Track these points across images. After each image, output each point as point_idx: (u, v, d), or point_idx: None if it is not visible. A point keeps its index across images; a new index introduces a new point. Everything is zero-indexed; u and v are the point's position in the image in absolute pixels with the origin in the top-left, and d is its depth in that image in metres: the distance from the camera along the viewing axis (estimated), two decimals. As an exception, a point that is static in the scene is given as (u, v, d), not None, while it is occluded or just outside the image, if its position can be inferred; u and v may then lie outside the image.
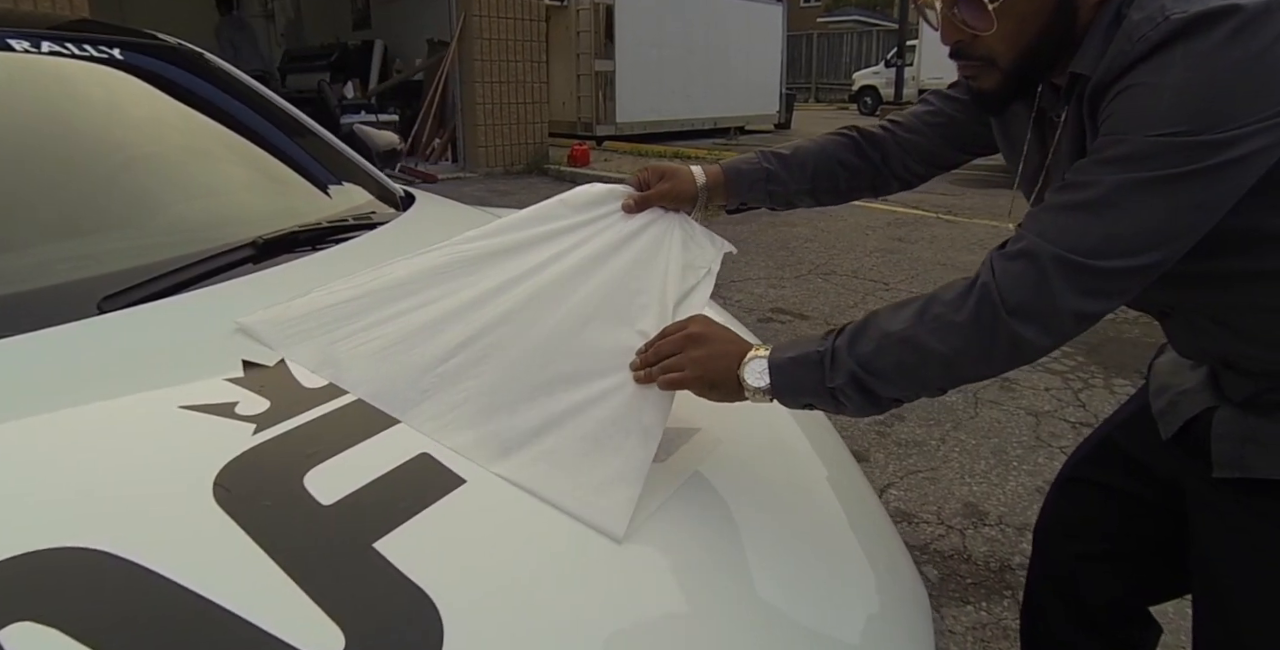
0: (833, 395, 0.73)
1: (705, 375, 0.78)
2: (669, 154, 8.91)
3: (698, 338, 0.80)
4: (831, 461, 1.00)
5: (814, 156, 1.07)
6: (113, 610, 0.51)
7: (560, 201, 1.03)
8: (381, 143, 2.03)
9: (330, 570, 0.57)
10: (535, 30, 7.99)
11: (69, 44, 1.37)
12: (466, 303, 0.90)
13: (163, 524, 0.59)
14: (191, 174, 1.38)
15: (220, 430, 0.70)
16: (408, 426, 0.75)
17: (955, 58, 0.77)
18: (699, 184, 1.04)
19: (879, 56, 19.22)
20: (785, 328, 3.52)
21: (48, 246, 1.09)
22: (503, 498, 0.69)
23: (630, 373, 0.81)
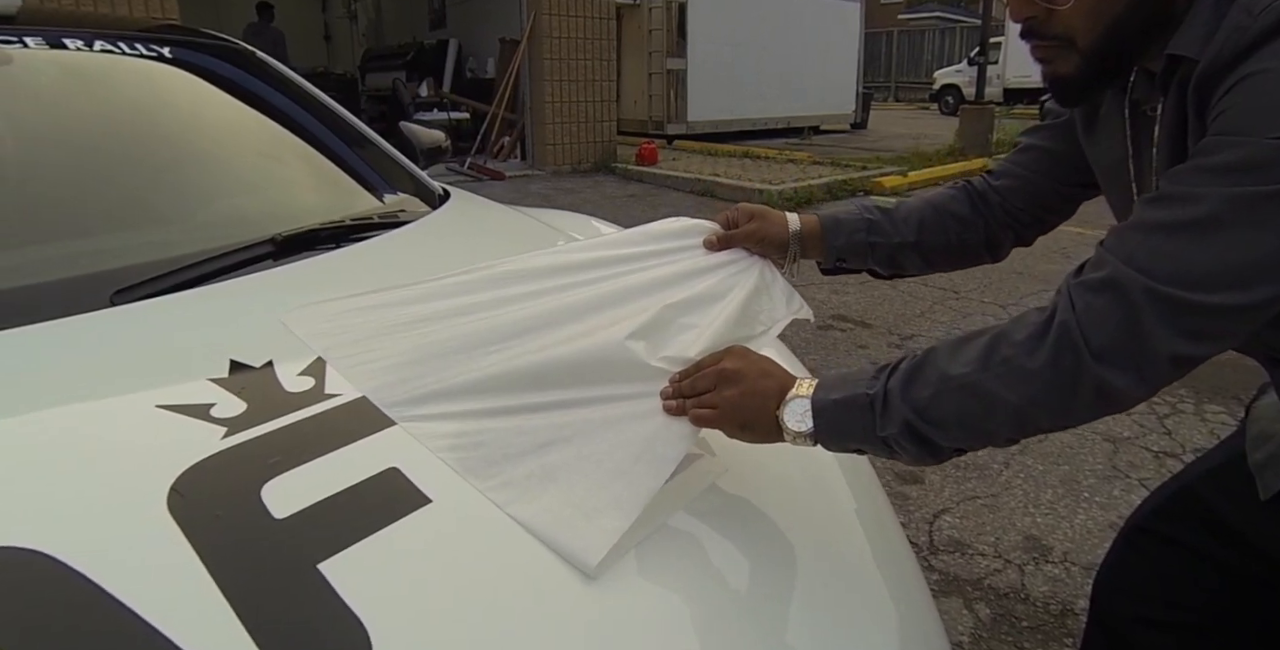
0: (885, 443, 0.65)
1: (738, 416, 0.71)
2: (740, 153, 8.80)
3: (731, 375, 0.72)
4: (862, 492, 0.92)
5: (920, 208, 0.97)
6: (32, 616, 0.50)
7: (642, 231, 0.99)
8: (427, 141, 2.03)
9: (266, 590, 0.54)
10: (605, 28, 8.00)
11: (122, 43, 1.40)
12: (508, 311, 0.88)
13: (109, 529, 0.58)
14: (227, 170, 1.40)
15: (190, 432, 0.68)
16: (397, 431, 0.72)
17: (1027, 37, 0.67)
18: (791, 230, 0.95)
19: (962, 54, 18.57)
20: (845, 336, 3.40)
21: (76, 240, 1.11)
22: (468, 523, 0.64)
23: (658, 399, 0.75)
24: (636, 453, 0.71)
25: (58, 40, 1.33)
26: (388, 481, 0.65)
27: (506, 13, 8.00)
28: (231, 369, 0.79)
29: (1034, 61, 0.69)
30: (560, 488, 0.68)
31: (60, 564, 0.53)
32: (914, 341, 3.31)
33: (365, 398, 0.77)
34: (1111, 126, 0.74)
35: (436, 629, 0.53)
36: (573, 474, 0.70)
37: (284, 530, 0.59)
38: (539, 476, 0.69)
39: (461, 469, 0.70)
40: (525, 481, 0.69)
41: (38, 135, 1.28)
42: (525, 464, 0.70)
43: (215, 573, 0.54)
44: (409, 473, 0.67)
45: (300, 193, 1.45)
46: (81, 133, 1.30)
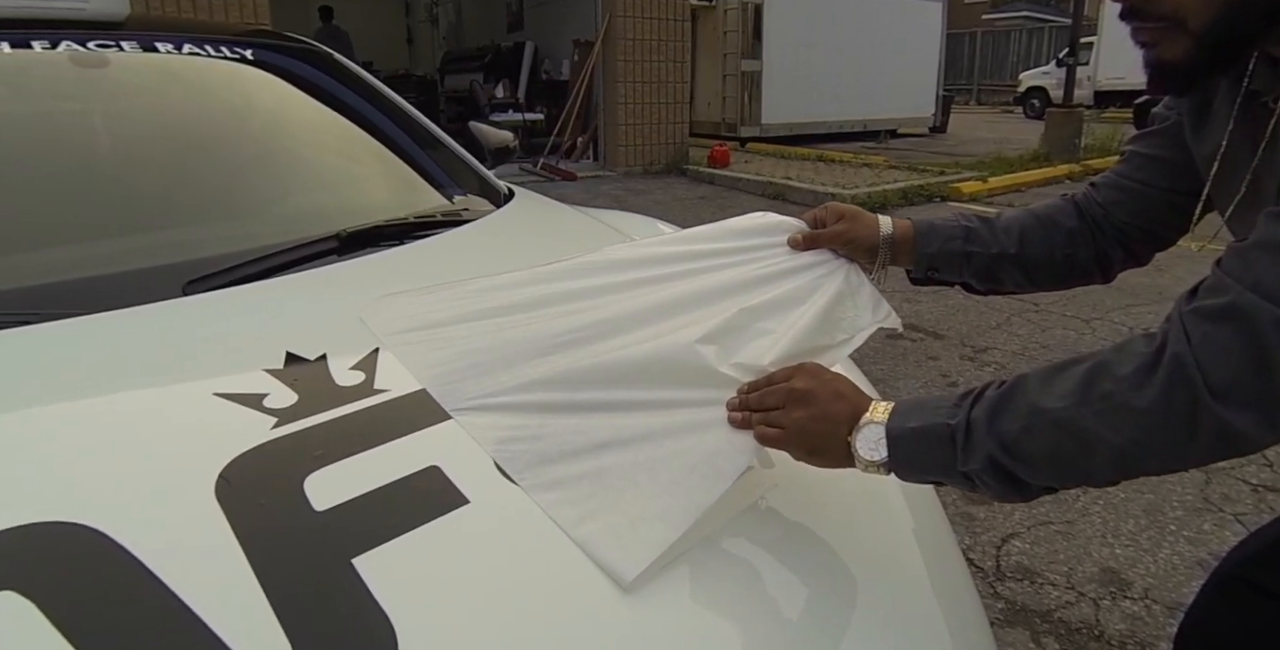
0: (966, 478, 0.61)
1: (806, 440, 0.67)
2: (813, 157, 8.66)
3: (802, 396, 0.68)
4: (921, 511, 0.87)
5: (1022, 219, 0.90)
6: (83, 590, 0.52)
7: (725, 226, 0.96)
8: (495, 141, 2.05)
9: (300, 580, 0.54)
10: (679, 30, 7.99)
11: (208, 46, 1.46)
12: (581, 309, 0.86)
13: (158, 510, 0.60)
14: (300, 167, 1.44)
15: (242, 421, 0.70)
16: (440, 429, 0.72)
17: (1129, 18, 0.60)
18: (883, 233, 0.89)
19: (1049, 55, 17.84)
20: (915, 346, 3.29)
21: (157, 232, 1.17)
22: (504, 526, 0.63)
23: (723, 408, 0.72)
24: (693, 464, 0.68)
25: (150, 44, 1.40)
26: (427, 480, 0.65)
27: (582, 15, 8.08)
28: (287, 360, 0.81)
29: (1135, 46, 0.61)
30: (610, 493, 0.67)
31: (108, 539, 0.55)
32: (988, 354, 3.19)
33: (412, 394, 0.77)
34: (1223, 121, 0.67)
35: (463, 632, 0.53)
36: (624, 480, 0.68)
37: (322, 523, 0.59)
38: (591, 478, 0.68)
39: (511, 464, 0.69)
40: (576, 482, 0.67)
41: (126, 133, 1.34)
42: (579, 464, 0.69)
43: (253, 559, 0.55)
44: (449, 472, 0.66)
45: (368, 190, 1.48)
46: (166, 131, 1.36)
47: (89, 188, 1.17)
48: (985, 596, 1.70)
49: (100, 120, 1.36)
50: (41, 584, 0.52)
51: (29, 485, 0.61)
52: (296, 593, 0.53)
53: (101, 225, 1.13)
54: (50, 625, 0.49)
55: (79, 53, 1.31)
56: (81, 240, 1.09)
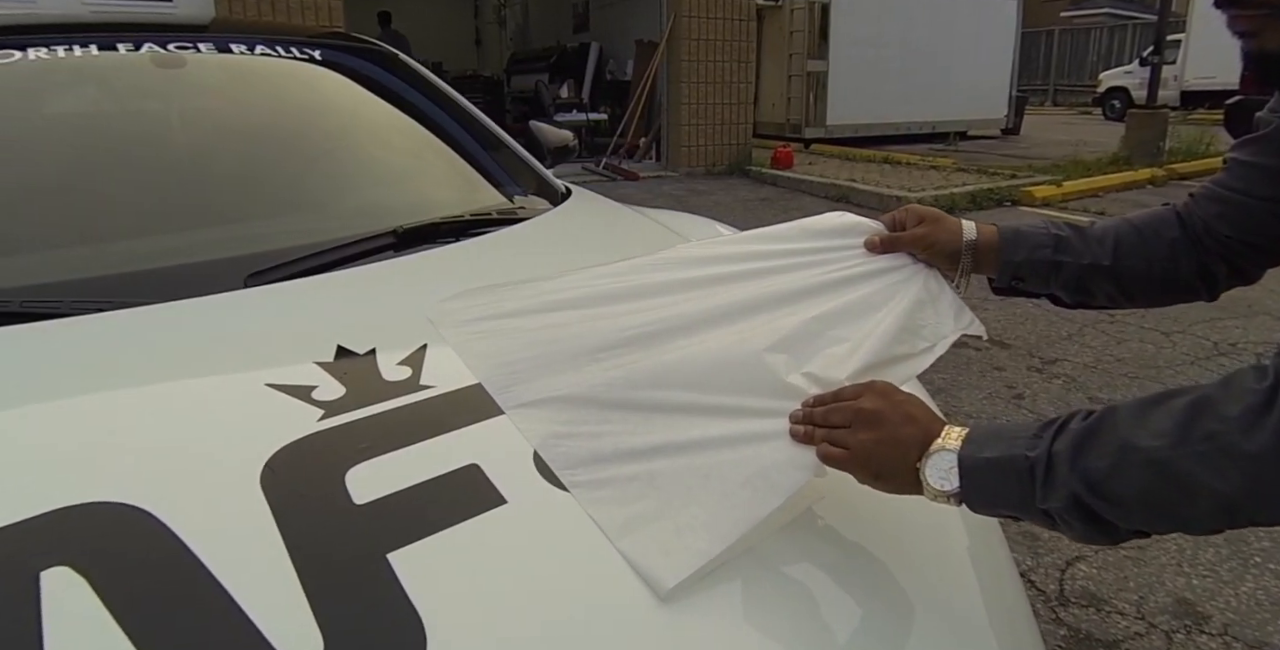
0: (1046, 515, 0.57)
1: (872, 464, 0.64)
2: (879, 159, 8.49)
3: (870, 417, 0.65)
4: (977, 528, 0.82)
5: (1117, 228, 0.84)
6: (129, 568, 0.54)
7: (800, 226, 0.93)
8: (554, 140, 2.06)
9: (336, 572, 0.55)
10: (744, 30, 7.93)
11: (279, 47, 1.50)
12: (648, 309, 0.84)
13: (205, 495, 0.62)
14: (362, 164, 1.47)
15: (290, 412, 0.71)
16: (482, 427, 0.72)
17: (1226, 6, 0.57)
18: (966, 239, 0.85)
19: (1132, 53, 17.08)
20: (980, 355, 3.17)
21: (224, 226, 1.20)
22: (540, 528, 0.63)
23: (786, 420, 0.69)
24: (748, 475, 0.66)
25: (225, 45, 1.45)
26: (466, 478, 0.65)
27: (647, 15, 8.09)
28: (337, 354, 0.82)
29: (1233, 35, 0.58)
30: (660, 497, 0.65)
31: (156, 521, 0.57)
32: (1057, 366, 3.05)
33: (457, 391, 0.77)
34: None
35: (492, 632, 0.53)
36: (676, 485, 0.66)
37: (361, 516, 0.60)
38: (642, 480, 0.66)
39: (562, 459, 0.68)
40: (627, 483, 0.66)
41: (199, 130, 1.39)
42: (632, 465, 0.68)
43: (292, 548, 0.56)
44: (489, 471, 0.66)
45: (427, 187, 1.50)
46: (236, 129, 1.40)
47: (162, 182, 1.22)
48: (1046, 622, 1.63)
49: (176, 118, 1.41)
50: (93, 561, 0.54)
51: (86, 466, 0.64)
52: (331, 584, 0.54)
53: (172, 219, 1.17)
54: (97, 599, 0.51)
55: (159, 54, 1.37)
56: (154, 233, 1.14)
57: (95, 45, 1.35)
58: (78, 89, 1.35)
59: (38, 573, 0.53)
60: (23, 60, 1.27)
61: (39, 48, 1.30)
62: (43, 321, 0.86)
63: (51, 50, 1.30)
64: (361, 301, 0.99)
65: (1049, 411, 2.61)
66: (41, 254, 1.07)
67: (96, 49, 1.35)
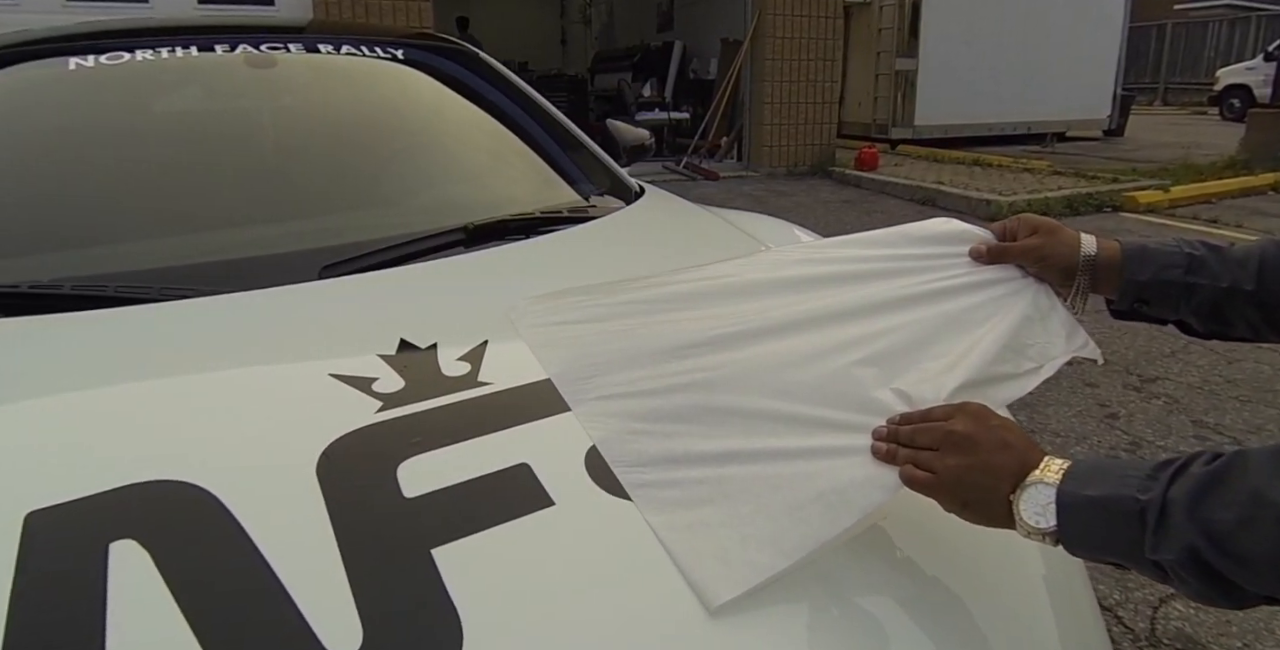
0: (1157, 567, 0.52)
1: (960, 492, 0.60)
2: (969, 160, 8.19)
3: (960, 441, 0.61)
4: (1056, 556, 0.77)
5: (1263, 248, 0.75)
6: (187, 544, 0.57)
7: (900, 231, 0.89)
8: (630, 138, 2.06)
9: (381, 562, 0.56)
10: (830, 28, 7.77)
11: (364, 46, 1.55)
12: (736, 315, 0.81)
13: (263, 478, 0.64)
14: (437, 160, 1.50)
15: (350, 403, 0.73)
16: (535, 427, 0.72)
17: None
18: (1083, 253, 0.77)
19: (1255, 48, 15.94)
20: (1071, 370, 2.99)
21: (304, 219, 1.25)
22: (586, 532, 0.62)
23: (869, 436, 0.66)
24: (822, 490, 0.63)
25: (313, 45, 1.50)
26: (516, 477, 0.65)
27: (732, 14, 8.02)
28: (400, 347, 0.83)
29: None
30: (727, 504, 0.63)
31: (216, 501, 0.60)
32: (1157, 386, 2.86)
33: (514, 389, 0.77)
34: None
35: (529, 634, 0.52)
36: (745, 493, 0.64)
37: (410, 510, 0.60)
38: (710, 485, 0.65)
39: (631, 456, 0.67)
40: (695, 486, 0.64)
41: (284, 127, 1.45)
42: (702, 469, 0.66)
43: (340, 537, 0.57)
44: (539, 471, 0.66)
45: (501, 184, 1.52)
46: (320, 125, 1.46)
47: (249, 176, 1.27)
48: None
49: (266, 115, 1.48)
50: (157, 535, 0.57)
51: (157, 444, 0.68)
52: (375, 574, 0.55)
53: (257, 211, 1.22)
54: (157, 572, 0.54)
55: (253, 54, 1.43)
56: (239, 225, 1.19)
57: (195, 46, 1.42)
58: (175, 87, 1.42)
59: (108, 544, 0.56)
60: (130, 61, 1.35)
61: (145, 49, 1.38)
62: (133, 306, 0.91)
63: (156, 51, 1.37)
64: (428, 296, 1.00)
65: (1146, 434, 2.44)
66: (135, 243, 1.13)
67: (196, 50, 1.42)
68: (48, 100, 1.34)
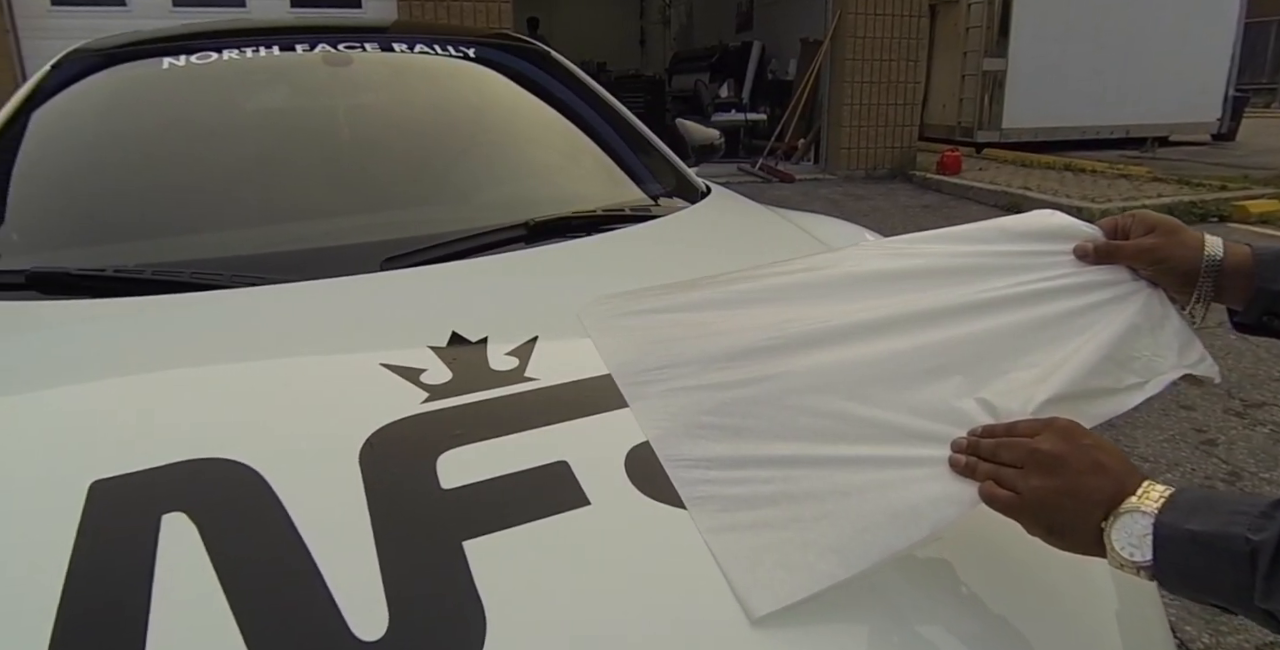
0: (1269, 616, 0.48)
1: (1045, 515, 0.56)
2: (1060, 165, 7.84)
3: (1048, 460, 0.56)
4: (1132, 591, 0.70)
5: None
6: (232, 519, 0.59)
7: (998, 225, 0.81)
8: (699, 138, 2.04)
9: (412, 553, 0.56)
10: (914, 27, 7.56)
11: (436, 45, 1.58)
12: (809, 313, 0.77)
13: (308, 461, 0.66)
14: (503, 157, 1.52)
15: (398, 392, 0.74)
16: (576, 425, 0.71)
17: None
18: (1207, 256, 0.69)
19: (1390, 49, 14.75)
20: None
21: (374, 212, 1.28)
22: (618, 534, 0.61)
23: (947, 448, 0.62)
24: (892, 501, 0.59)
25: (388, 44, 1.54)
26: (553, 474, 0.64)
27: (812, 13, 7.90)
28: (451, 340, 0.84)
29: None
30: (791, 506, 0.60)
31: (263, 482, 0.61)
32: (1263, 411, 2.63)
33: (559, 385, 0.77)
34: None
35: (554, 631, 0.52)
36: (811, 498, 0.60)
37: (446, 501, 0.61)
38: (776, 484, 0.62)
39: (686, 456, 0.65)
40: (759, 485, 0.62)
41: (356, 123, 1.49)
42: (766, 470, 0.63)
43: (376, 523, 0.58)
44: (577, 469, 0.65)
45: (565, 181, 1.53)
46: (391, 121, 1.49)
47: (320, 170, 1.31)
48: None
49: (342, 112, 1.52)
50: (203, 509, 0.59)
51: (213, 424, 0.70)
52: (406, 563, 0.55)
53: (327, 204, 1.26)
54: (201, 544, 0.56)
55: (330, 53, 1.48)
56: (309, 217, 1.23)
57: (280, 45, 1.48)
58: (258, 84, 1.48)
59: (160, 515, 0.58)
60: (219, 60, 1.42)
61: (234, 49, 1.44)
62: (206, 292, 0.96)
63: (242, 51, 1.44)
64: (484, 290, 1.01)
65: (1248, 465, 2.27)
66: (213, 233, 1.18)
67: (280, 49, 1.47)
68: (143, 97, 1.42)
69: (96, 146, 1.33)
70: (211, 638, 0.50)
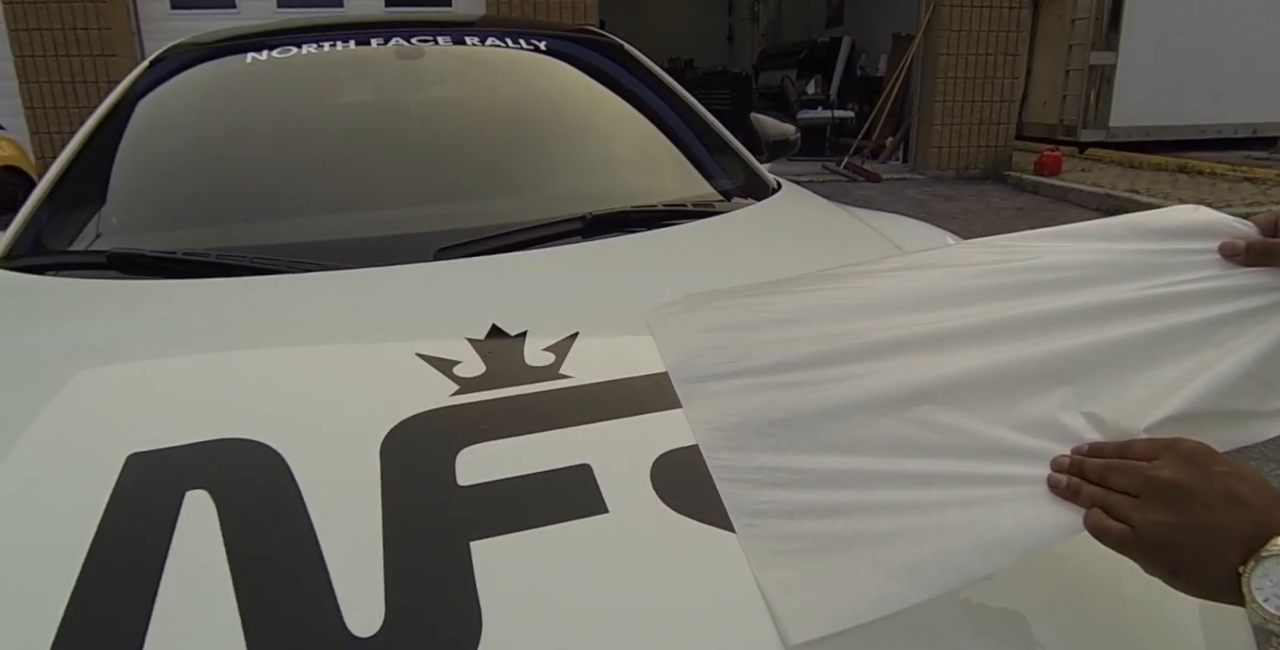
0: None
1: (1166, 555, 0.48)
2: (1173, 166, 7.35)
3: (1170, 491, 0.49)
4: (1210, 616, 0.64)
5: None
6: (251, 504, 0.60)
7: (1128, 222, 0.72)
8: (773, 133, 1.99)
9: (418, 549, 0.55)
10: (1014, 19, 7.21)
11: (508, 38, 1.59)
12: (901, 318, 0.70)
13: (332, 451, 0.66)
14: (567, 150, 1.50)
15: (429, 384, 0.73)
16: (601, 428, 0.68)
17: None
18: None
19: None
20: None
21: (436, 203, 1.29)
22: (633, 545, 0.57)
23: (1047, 466, 0.55)
24: (977, 521, 0.53)
25: (460, 38, 1.55)
26: (574, 478, 0.62)
27: (905, 7, 7.65)
28: (490, 333, 0.83)
29: None
30: (864, 519, 0.55)
31: (286, 466, 0.62)
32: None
33: (593, 385, 0.74)
34: None
35: (550, 640, 0.49)
36: (887, 511, 0.55)
37: (460, 498, 0.60)
38: (848, 493, 0.57)
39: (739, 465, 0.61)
40: (834, 493, 0.57)
41: (426, 115, 1.51)
42: (843, 486, 0.58)
43: (387, 515, 0.58)
44: (599, 474, 0.62)
45: (631, 175, 1.51)
46: (459, 114, 1.51)
47: (387, 163, 1.34)
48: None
49: (413, 104, 1.55)
50: (225, 490, 0.60)
51: (248, 406, 0.72)
52: (410, 559, 0.54)
53: (390, 194, 1.28)
54: (218, 524, 0.57)
55: (404, 47, 1.50)
56: (371, 207, 1.25)
57: (354, 40, 1.51)
58: (339, 77, 1.52)
59: (184, 492, 0.60)
60: (301, 54, 1.46)
61: (315, 43, 1.48)
62: (262, 276, 0.98)
63: (319, 45, 1.47)
64: (531, 283, 1.00)
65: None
66: (279, 220, 1.21)
67: (354, 43, 1.51)
68: (223, 90, 1.48)
69: (180, 138, 1.40)
70: (212, 617, 0.51)
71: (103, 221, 1.26)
